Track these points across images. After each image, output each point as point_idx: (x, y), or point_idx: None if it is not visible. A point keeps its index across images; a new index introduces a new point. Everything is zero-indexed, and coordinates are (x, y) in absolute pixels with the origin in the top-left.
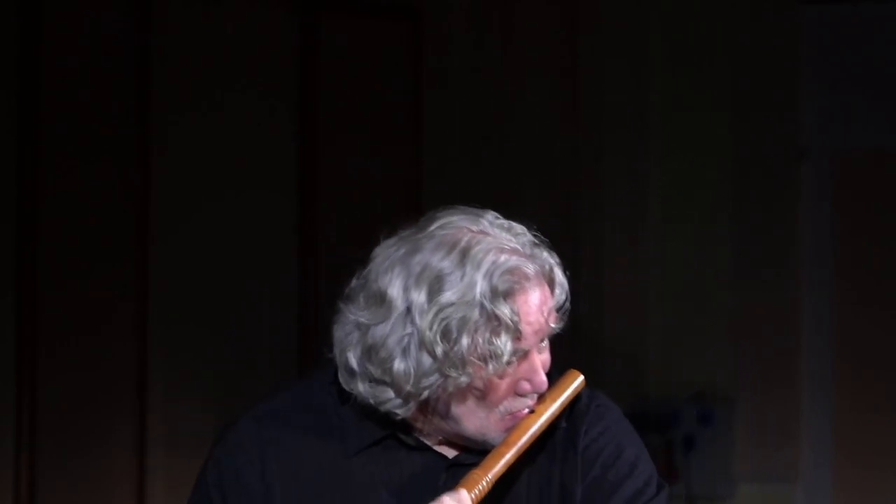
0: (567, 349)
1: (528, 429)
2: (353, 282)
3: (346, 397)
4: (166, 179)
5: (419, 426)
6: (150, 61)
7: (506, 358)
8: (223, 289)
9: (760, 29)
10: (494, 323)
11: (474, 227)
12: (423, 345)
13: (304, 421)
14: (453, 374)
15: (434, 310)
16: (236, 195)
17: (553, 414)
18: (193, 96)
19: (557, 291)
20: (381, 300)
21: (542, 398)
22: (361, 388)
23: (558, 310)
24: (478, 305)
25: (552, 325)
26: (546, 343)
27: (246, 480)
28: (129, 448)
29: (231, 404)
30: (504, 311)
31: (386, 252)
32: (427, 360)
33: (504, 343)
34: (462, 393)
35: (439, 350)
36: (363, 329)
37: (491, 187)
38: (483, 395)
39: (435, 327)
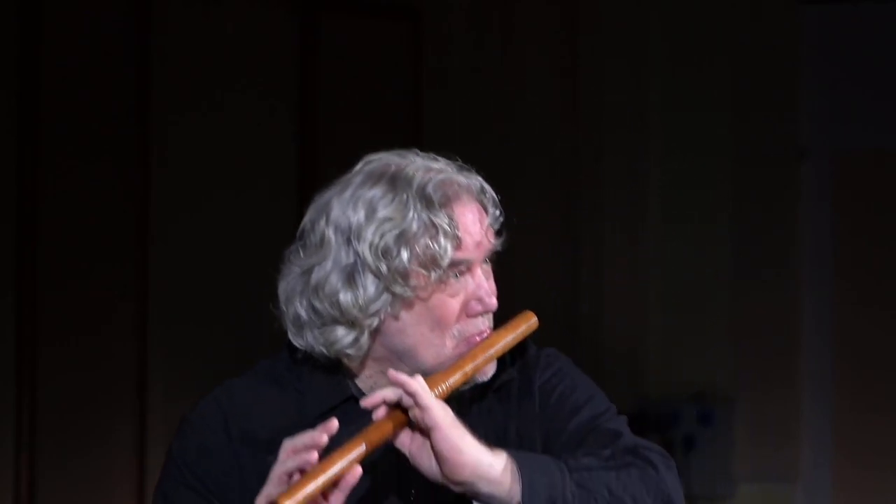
0: (567, 349)
1: (486, 349)
2: (293, 245)
3: (298, 359)
4: (166, 179)
5: (375, 381)
6: (150, 61)
7: (446, 261)
8: (223, 289)
9: (760, 29)
10: (433, 231)
11: (399, 159)
12: (367, 267)
13: (265, 392)
14: (398, 289)
15: (371, 229)
16: (236, 195)
17: (508, 343)
18: (193, 96)
19: (491, 208)
20: (320, 242)
21: (496, 330)
22: (311, 337)
23: (493, 225)
24: (415, 218)
25: (491, 241)
26: (489, 269)
27: (213, 452)
28: (129, 448)
29: None
30: (441, 218)
31: (317, 202)
32: (372, 284)
33: (444, 247)
34: (415, 319)
35: (383, 268)
36: (307, 274)
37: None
38: (435, 317)
39: (375, 244)
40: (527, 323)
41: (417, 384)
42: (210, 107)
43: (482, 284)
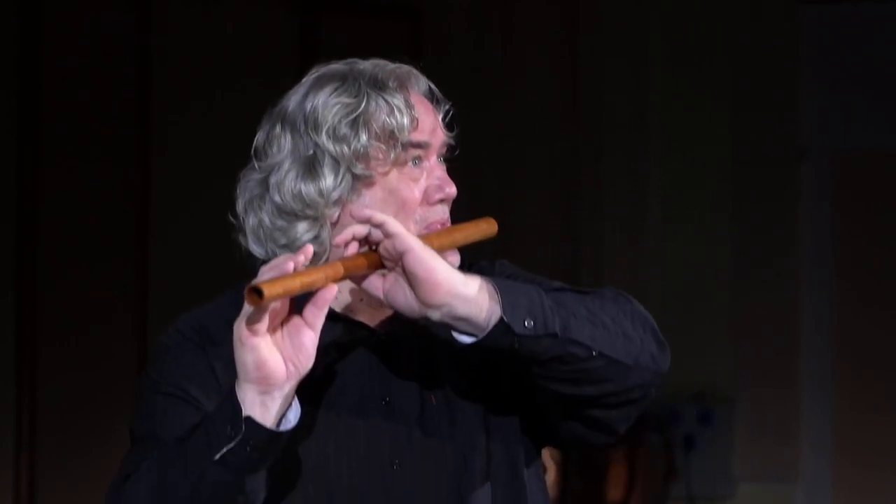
0: None
1: (449, 233)
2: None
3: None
4: (166, 179)
5: (338, 291)
6: (150, 61)
7: (405, 137)
8: (223, 289)
9: (760, 29)
10: (388, 108)
11: (346, 64)
12: (327, 153)
13: (230, 312)
14: (359, 170)
15: (329, 116)
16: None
17: (469, 235)
18: (193, 96)
19: (441, 105)
20: (278, 147)
21: (456, 224)
22: (271, 242)
23: (444, 119)
24: (371, 100)
25: (444, 134)
26: (444, 167)
27: (192, 366)
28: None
29: None
30: (397, 99)
31: (267, 117)
32: (332, 171)
33: (402, 122)
34: (378, 204)
35: (343, 150)
36: (265, 178)
37: (491, 187)
38: (398, 201)
39: (333, 127)
40: (487, 222)
41: (383, 215)
42: (210, 107)
43: (440, 172)
